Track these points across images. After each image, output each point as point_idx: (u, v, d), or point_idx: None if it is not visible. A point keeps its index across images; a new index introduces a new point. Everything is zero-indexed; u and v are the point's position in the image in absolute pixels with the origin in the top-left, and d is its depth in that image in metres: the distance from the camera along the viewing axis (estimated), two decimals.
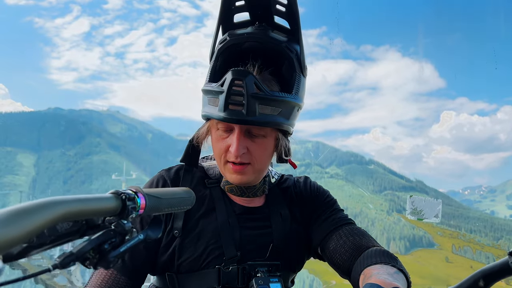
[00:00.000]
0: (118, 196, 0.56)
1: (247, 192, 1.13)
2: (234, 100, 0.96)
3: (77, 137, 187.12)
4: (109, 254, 0.54)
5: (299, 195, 1.21)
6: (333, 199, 1.23)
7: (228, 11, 1.07)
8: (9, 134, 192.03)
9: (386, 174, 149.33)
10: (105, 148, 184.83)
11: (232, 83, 0.96)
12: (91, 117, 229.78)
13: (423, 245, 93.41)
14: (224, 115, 0.97)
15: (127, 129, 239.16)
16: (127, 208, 0.56)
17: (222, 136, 1.05)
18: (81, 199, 0.50)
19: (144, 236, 0.61)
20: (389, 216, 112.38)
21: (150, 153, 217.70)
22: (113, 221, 0.56)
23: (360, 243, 1.06)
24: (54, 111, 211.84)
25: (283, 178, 1.25)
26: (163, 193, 0.66)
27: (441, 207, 2.13)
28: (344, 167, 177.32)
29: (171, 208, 0.67)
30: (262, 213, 1.14)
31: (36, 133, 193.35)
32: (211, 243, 1.05)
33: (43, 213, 0.44)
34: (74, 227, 0.53)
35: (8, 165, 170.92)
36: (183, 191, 0.72)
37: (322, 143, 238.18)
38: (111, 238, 0.55)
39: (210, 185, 1.13)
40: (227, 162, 1.06)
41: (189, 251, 1.05)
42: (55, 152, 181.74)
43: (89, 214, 0.51)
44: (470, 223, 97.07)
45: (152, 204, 0.61)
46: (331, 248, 1.09)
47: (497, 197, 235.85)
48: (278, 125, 1.02)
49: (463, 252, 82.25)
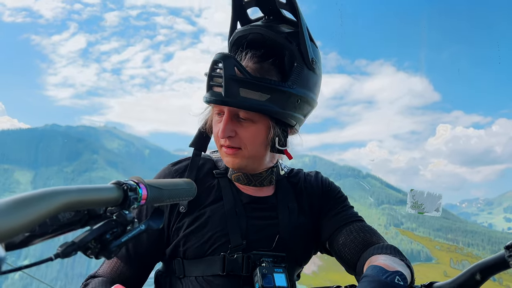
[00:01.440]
0: (120, 187, 0.56)
1: (254, 180, 1.14)
2: (214, 82, 1.01)
3: (75, 154, 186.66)
4: (110, 244, 0.54)
5: (309, 189, 1.21)
6: (344, 196, 1.23)
7: (239, 6, 1.11)
8: (6, 151, 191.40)
9: (383, 188, 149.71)
10: (102, 164, 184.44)
11: (213, 65, 1.00)
12: (88, 133, 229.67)
13: (421, 259, 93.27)
14: (207, 96, 1.03)
15: (124, 145, 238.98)
16: (129, 199, 0.56)
17: (217, 121, 1.08)
18: (83, 189, 0.50)
19: (146, 227, 0.61)
20: (387, 230, 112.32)
21: (147, 169, 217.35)
22: (115, 211, 0.57)
23: (370, 240, 1.06)
24: (51, 128, 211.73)
25: (293, 171, 1.26)
26: (165, 184, 0.66)
27: (442, 201, 2.12)
28: (341, 181, 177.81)
29: (172, 199, 0.67)
30: (270, 203, 1.15)
31: (33, 150, 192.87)
32: (218, 230, 1.06)
33: (45, 203, 0.44)
34: (76, 216, 0.53)
35: (5, 182, 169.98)
36: (184, 182, 0.72)
37: (319, 157, 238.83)
38: (113, 228, 0.55)
39: (218, 175, 1.15)
40: (221, 147, 1.09)
41: (196, 238, 1.06)
42: (52, 169, 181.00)
43: (91, 204, 0.51)
44: (467, 236, 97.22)
45: (154, 194, 0.61)
46: (340, 243, 1.09)
47: (494, 209, 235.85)
48: (264, 111, 1.02)
49: (461, 266, 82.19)
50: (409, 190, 2.15)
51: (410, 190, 2.14)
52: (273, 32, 1.07)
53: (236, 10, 1.11)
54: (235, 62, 0.99)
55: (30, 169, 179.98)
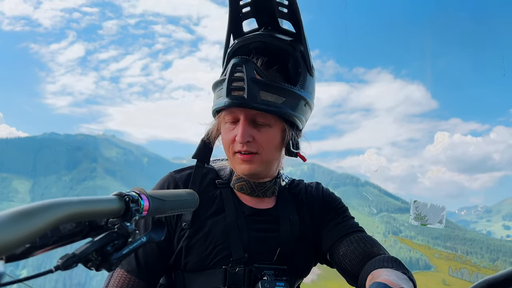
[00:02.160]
0: (122, 198, 0.56)
1: (257, 190, 1.14)
2: (235, 86, 1.00)
3: (73, 163, 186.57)
4: (111, 256, 0.54)
5: (310, 200, 1.22)
6: (344, 206, 1.24)
7: (236, 18, 1.11)
8: (5, 160, 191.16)
9: (382, 195, 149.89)
10: (101, 173, 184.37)
11: (233, 69, 1.00)
12: (86, 142, 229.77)
13: (420, 267, 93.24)
14: (227, 100, 1.01)
15: (123, 153, 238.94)
16: (131, 210, 0.56)
17: (229, 128, 1.08)
18: (84, 201, 0.50)
19: (147, 239, 0.60)
20: (386, 238, 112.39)
21: (146, 177, 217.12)
22: (116, 222, 0.56)
23: (371, 251, 1.05)
24: (50, 136, 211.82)
25: (294, 182, 1.26)
26: (167, 195, 0.66)
27: (445, 213, 2.11)
28: (339, 189, 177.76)
29: (174, 210, 0.67)
30: (271, 215, 1.14)
31: (32, 158, 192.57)
32: (219, 243, 1.05)
33: (47, 215, 0.44)
34: (77, 228, 0.53)
35: (3, 191, 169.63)
36: (186, 193, 0.71)
37: (318, 164, 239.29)
38: (114, 240, 0.55)
39: (220, 186, 1.14)
40: (235, 153, 1.08)
41: (197, 250, 1.05)
42: (51, 177, 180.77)
43: (93, 215, 0.51)
44: (466, 244, 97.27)
45: (156, 206, 0.61)
46: (341, 254, 1.08)
47: (493, 217, 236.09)
48: (282, 114, 1.03)
49: (460, 274, 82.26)
50: (412, 202, 2.17)
51: (413, 202, 2.15)
52: (277, 39, 1.10)
53: (232, 23, 1.12)
54: (255, 65, 1.01)
55: (28, 178, 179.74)
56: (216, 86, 1.09)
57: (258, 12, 1.10)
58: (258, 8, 1.09)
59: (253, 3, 1.08)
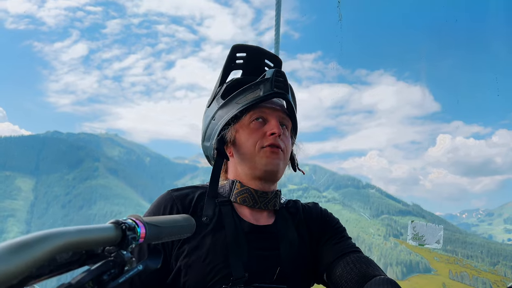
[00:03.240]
0: (119, 226, 0.56)
1: (259, 202, 1.16)
2: (278, 85, 1.14)
3: (76, 161, 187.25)
4: (108, 285, 0.53)
5: (308, 219, 1.23)
6: (342, 227, 1.25)
7: (230, 66, 1.27)
8: (8, 158, 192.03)
9: (383, 198, 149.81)
10: (103, 172, 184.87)
11: (277, 73, 1.15)
12: (89, 140, 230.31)
13: (420, 270, 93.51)
14: (271, 91, 1.13)
15: (125, 152, 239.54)
16: (127, 238, 0.56)
17: (256, 127, 1.16)
18: (81, 230, 0.49)
19: (144, 267, 0.60)
20: (386, 241, 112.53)
21: (148, 177, 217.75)
22: (113, 251, 0.56)
23: (366, 271, 1.06)
24: (53, 135, 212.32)
25: (291, 202, 1.28)
26: (163, 221, 0.66)
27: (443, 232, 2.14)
28: (341, 191, 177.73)
29: (170, 236, 0.67)
30: (271, 233, 1.15)
31: (35, 157, 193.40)
32: (219, 262, 1.04)
33: (43, 245, 0.44)
34: (73, 257, 0.52)
35: (7, 189, 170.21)
36: (183, 219, 0.72)
37: (320, 166, 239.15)
38: (110, 269, 0.54)
39: (220, 204, 1.14)
40: (261, 149, 1.13)
41: (196, 269, 1.04)
42: (53, 176, 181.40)
43: (89, 244, 0.51)
44: (467, 248, 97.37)
45: (152, 233, 0.61)
46: (338, 274, 1.09)
47: (495, 220, 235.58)
48: (296, 124, 1.24)
49: (460, 278, 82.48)
50: (410, 222, 2.18)
51: (411, 222, 2.17)
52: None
53: (226, 69, 1.26)
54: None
55: (31, 176, 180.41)
56: (242, 92, 1.17)
57: (247, 66, 1.28)
58: (249, 63, 1.27)
59: (247, 57, 1.26)
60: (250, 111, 1.16)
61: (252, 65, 1.27)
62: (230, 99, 1.18)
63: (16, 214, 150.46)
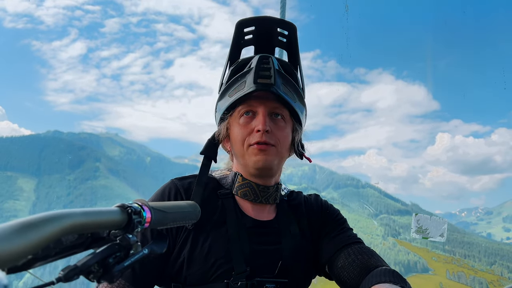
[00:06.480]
0: (124, 210, 0.56)
1: (260, 196, 1.15)
2: (263, 74, 1.07)
3: (77, 162, 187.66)
4: (113, 268, 0.54)
5: (309, 212, 1.23)
6: (343, 218, 1.24)
7: (238, 44, 1.17)
8: (10, 158, 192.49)
9: (382, 197, 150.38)
10: (104, 172, 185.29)
11: (261, 61, 1.08)
12: (90, 140, 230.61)
13: (418, 270, 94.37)
14: (253, 86, 1.06)
15: (126, 152, 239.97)
16: (133, 222, 0.56)
17: (245, 122, 1.11)
18: (87, 212, 0.50)
19: (149, 251, 0.61)
20: (385, 240, 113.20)
21: (149, 177, 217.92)
22: (118, 234, 0.56)
23: (369, 262, 1.05)
24: (53, 135, 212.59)
25: (293, 194, 1.27)
26: (169, 207, 0.66)
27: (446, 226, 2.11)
28: (340, 191, 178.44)
29: (176, 222, 0.67)
30: (272, 227, 1.15)
31: (36, 157, 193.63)
32: (221, 256, 1.05)
33: (49, 226, 0.44)
34: (79, 239, 0.53)
35: (9, 190, 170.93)
36: (188, 205, 0.72)
37: (319, 165, 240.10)
38: (116, 252, 0.55)
39: (222, 196, 1.14)
40: (249, 146, 1.10)
41: (198, 263, 1.04)
42: (55, 176, 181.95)
43: (95, 227, 0.51)
44: (464, 247, 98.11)
45: (158, 218, 0.61)
46: (339, 266, 1.08)
47: (494, 219, 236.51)
48: (296, 111, 1.12)
49: (457, 277, 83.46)
50: (414, 215, 2.17)
51: (415, 215, 2.15)
52: (281, 59, 1.17)
53: (234, 47, 1.17)
54: (277, 61, 1.10)
55: (33, 177, 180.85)
56: (233, 83, 1.12)
57: (258, 40, 1.17)
58: (260, 36, 1.16)
59: (256, 30, 1.15)
60: (239, 105, 1.12)
61: (264, 38, 1.17)
62: (224, 91, 1.15)
63: (19, 214, 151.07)
